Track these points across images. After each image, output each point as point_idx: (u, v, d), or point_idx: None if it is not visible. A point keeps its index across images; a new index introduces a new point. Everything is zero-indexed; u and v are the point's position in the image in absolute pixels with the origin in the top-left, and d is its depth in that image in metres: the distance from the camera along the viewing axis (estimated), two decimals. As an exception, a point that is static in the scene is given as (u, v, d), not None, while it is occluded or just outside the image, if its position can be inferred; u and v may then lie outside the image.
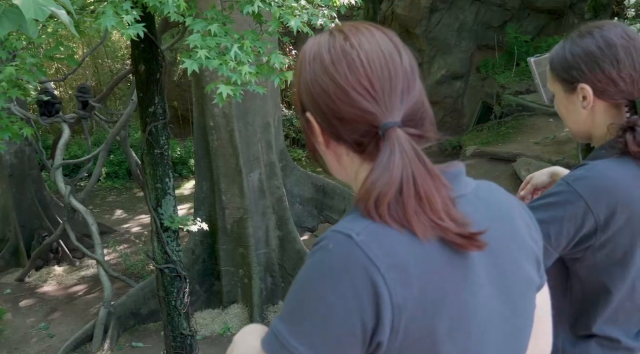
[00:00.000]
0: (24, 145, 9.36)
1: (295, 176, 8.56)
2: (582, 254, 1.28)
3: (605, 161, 1.29)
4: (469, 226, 0.81)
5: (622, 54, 1.26)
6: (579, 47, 1.31)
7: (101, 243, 7.56)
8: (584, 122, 1.36)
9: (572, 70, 1.32)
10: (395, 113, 0.85)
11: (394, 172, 0.80)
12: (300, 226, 8.62)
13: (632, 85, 1.28)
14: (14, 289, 8.71)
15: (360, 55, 0.87)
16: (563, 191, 1.27)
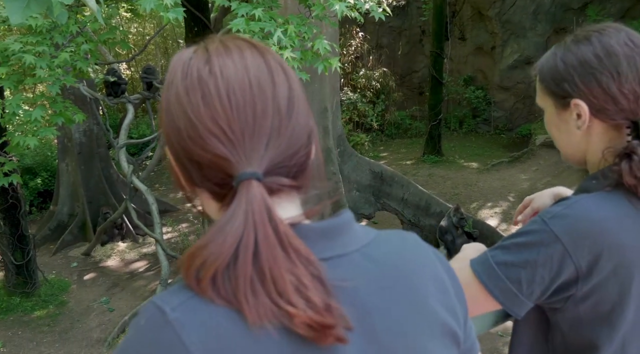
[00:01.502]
0: (92, 124, 9.69)
1: (353, 162, 8.43)
2: (562, 304, 1.08)
3: (591, 196, 1.08)
4: (331, 312, 0.62)
5: (624, 64, 1.04)
6: (573, 56, 1.09)
7: (160, 222, 7.71)
8: (577, 144, 1.15)
9: (564, 82, 1.10)
10: (255, 161, 0.67)
11: (229, 237, 0.63)
12: (357, 213, 8.51)
13: (636, 103, 1.06)
14: (80, 263, 9.08)
15: (219, 85, 0.69)
16: (538, 230, 1.06)
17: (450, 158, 12.78)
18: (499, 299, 1.07)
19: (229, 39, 0.75)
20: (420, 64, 15.69)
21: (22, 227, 7.64)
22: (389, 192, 8.55)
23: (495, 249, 1.10)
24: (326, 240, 0.72)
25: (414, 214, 8.54)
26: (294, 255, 0.64)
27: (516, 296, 1.06)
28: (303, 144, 0.72)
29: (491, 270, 1.07)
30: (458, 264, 1.15)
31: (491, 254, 1.10)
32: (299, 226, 0.69)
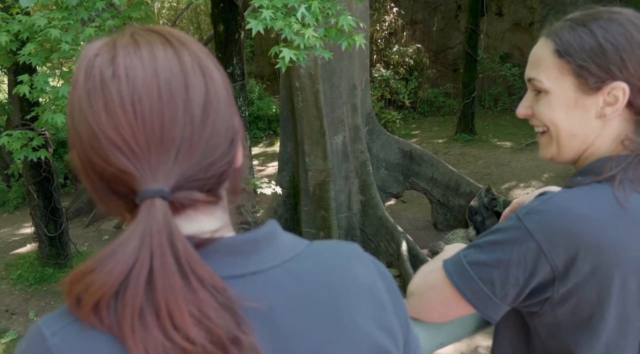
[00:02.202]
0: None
1: (382, 140, 8.34)
2: (539, 308, 0.99)
3: (571, 191, 0.98)
4: (238, 344, 0.56)
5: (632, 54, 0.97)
6: (621, 36, 0.99)
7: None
8: (585, 136, 1.03)
9: (611, 64, 0.98)
10: (161, 176, 0.60)
11: (119, 264, 0.56)
12: (385, 192, 8.45)
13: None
14: (111, 235, 9.25)
15: (122, 90, 0.60)
16: (511, 227, 0.97)
17: (484, 137, 12.54)
18: (471, 302, 0.98)
19: (141, 33, 0.66)
20: (456, 41, 15.37)
21: (55, 200, 7.80)
22: (418, 171, 8.45)
23: (469, 248, 1.02)
24: (240, 256, 0.65)
25: (443, 194, 8.43)
26: (197, 283, 0.57)
27: (489, 298, 0.97)
28: (222, 153, 0.65)
29: (463, 271, 0.99)
30: (433, 265, 1.08)
31: (464, 254, 1.01)
32: (212, 242, 0.63)
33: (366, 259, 0.75)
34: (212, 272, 0.59)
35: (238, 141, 0.69)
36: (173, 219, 0.59)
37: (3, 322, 6.86)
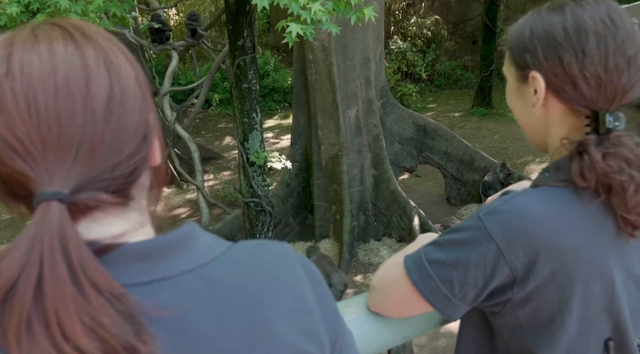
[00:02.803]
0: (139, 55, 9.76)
1: (396, 114, 8.26)
2: (501, 309, 0.97)
3: (535, 191, 0.94)
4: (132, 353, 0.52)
5: (592, 44, 0.91)
6: (542, 25, 0.96)
7: (202, 170, 7.81)
8: (535, 125, 1.01)
9: (527, 53, 0.97)
10: (58, 178, 0.56)
11: (7, 270, 0.52)
12: (398, 166, 8.40)
13: (598, 91, 0.91)
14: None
15: (16, 87, 0.57)
16: (471, 227, 0.94)
17: (501, 111, 12.37)
18: (429, 301, 0.97)
19: (43, 27, 0.62)
20: (475, 12, 15.06)
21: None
22: (431, 145, 8.38)
23: (430, 245, 0.99)
24: (148, 261, 0.61)
25: (457, 169, 8.37)
26: (91, 290, 0.53)
27: (448, 298, 0.95)
28: (131, 151, 0.61)
29: (422, 268, 0.97)
30: (396, 259, 1.06)
31: (424, 251, 0.99)
32: (116, 247, 0.60)
33: (293, 261, 0.72)
34: (109, 278, 0.55)
35: (153, 138, 0.65)
36: (69, 223, 0.56)
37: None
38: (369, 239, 7.85)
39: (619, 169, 0.88)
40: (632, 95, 0.94)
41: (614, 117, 0.92)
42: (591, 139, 0.90)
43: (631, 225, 0.90)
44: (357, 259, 7.49)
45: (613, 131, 0.91)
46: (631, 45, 0.92)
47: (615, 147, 0.89)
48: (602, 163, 0.87)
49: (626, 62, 0.91)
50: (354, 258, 7.49)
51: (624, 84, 0.91)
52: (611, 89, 0.91)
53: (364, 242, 7.82)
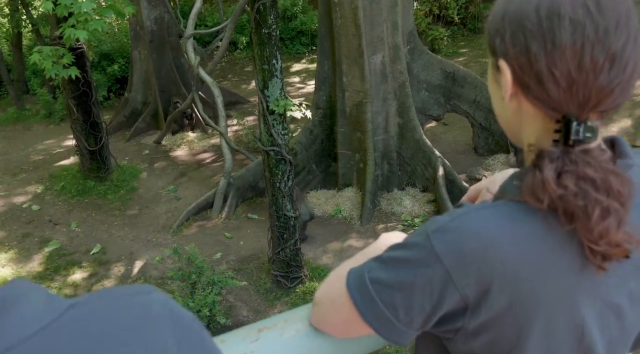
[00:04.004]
0: (163, 12, 9.61)
1: (424, 60, 7.99)
2: (453, 335, 0.84)
3: (493, 207, 0.79)
4: None
5: (565, 33, 0.73)
6: (517, 5, 0.78)
7: (225, 115, 7.74)
8: (508, 120, 0.86)
9: (497, 37, 0.80)
10: None
11: None
12: (425, 114, 8.19)
13: (568, 93, 0.74)
14: (151, 150, 9.38)
15: None
16: (418, 245, 0.80)
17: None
18: (372, 325, 0.84)
19: None
20: (513, -50, 14.31)
21: (94, 114, 7.88)
22: (460, 93, 8.12)
23: (375, 260, 0.86)
24: None
25: (485, 118, 8.13)
26: None
27: (392, 323, 0.83)
28: None
29: (364, 288, 0.84)
30: (343, 270, 0.91)
31: (368, 267, 0.85)
32: None
33: (155, 318, 0.55)
34: None
35: None
36: None
37: (47, 232, 7.16)
38: (393, 188, 7.75)
39: (577, 192, 0.72)
40: (615, 100, 0.75)
41: (584, 126, 0.74)
42: (549, 152, 0.74)
43: (600, 255, 0.74)
44: (379, 208, 7.43)
45: (581, 143, 0.74)
46: (618, 37, 0.73)
47: (577, 164, 0.73)
48: (554, 183, 0.72)
49: (608, 58, 0.73)
50: (376, 207, 7.42)
51: (601, 86, 0.73)
52: (585, 92, 0.74)
53: (388, 192, 7.73)
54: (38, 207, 7.71)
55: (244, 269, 6.36)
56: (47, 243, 6.88)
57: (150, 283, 6.10)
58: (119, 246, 6.82)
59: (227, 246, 6.79)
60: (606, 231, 0.72)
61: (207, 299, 5.22)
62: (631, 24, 0.75)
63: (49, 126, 10.91)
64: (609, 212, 0.72)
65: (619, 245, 0.72)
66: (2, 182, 8.45)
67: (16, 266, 6.47)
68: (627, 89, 0.76)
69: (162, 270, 6.31)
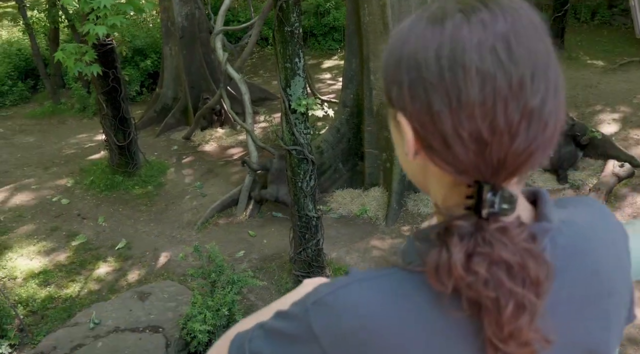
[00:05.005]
0: (194, 8, 9.63)
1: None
2: None
3: (382, 279, 0.68)
4: None
5: (474, 89, 0.60)
6: (415, 45, 0.64)
7: (252, 112, 7.72)
8: (414, 174, 0.74)
9: (394, 84, 0.67)
10: None
11: None
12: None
13: (480, 157, 0.62)
14: (180, 146, 9.42)
15: None
16: (297, 318, 0.71)
17: (574, 54, 11.58)
18: None
19: None
20: (553, -55, 13.93)
21: (123, 109, 7.95)
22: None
23: (261, 328, 0.77)
24: None
25: (517, 118, 7.90)
26: None
27: None
28: None
29: None
30: (232, 332, 0.83)
31: (251, 336, 0.77)
32: None
33: None
34: None
35: None
36: None
37: (75, 225, 7.25)
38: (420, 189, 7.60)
39: (488, 280, 0.60)
40: (534, 163, 0.64)
41: (500, 196, 0.62)
42: (459, 227, 0.62)
43: None
44: (406, 209, 7.31)
45: (497, 216, 0.62)
46: (536, 90, 0.61)
47: (491, 245, 0.60)
48: (462, 269, 0.60)
49: (525, 116, 0.61)
50: (402, 208, 7.30)
51: (519, 150, 0.62)
52: (499, 156, 0.62)
53: (415, 192, 7.59)
54: (67, 201, 7.82)
55: (266, 268, 6.33)
56: (74, 237, 6.98)
57: (173, 279, 6.13)
58: (143, 241, 6.86)
59: (250, 244, 6.77)
60: (518, 330, 0.60)
61: (226, 298, 5.20)
62: (550, 73, 0.63)
63: (82, 120, 11.08)
64: (524, 308, 0.60)
65: (528, 345, 0.61)
66: (34, 176, 8.61)
67: (43, 259, 6.57)
68: (548, 149, 0.64)
69: (185, 267, 6.32)
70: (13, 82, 12.23)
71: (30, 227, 7.23)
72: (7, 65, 12.33)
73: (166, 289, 5.84)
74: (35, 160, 9.23)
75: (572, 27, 12.09)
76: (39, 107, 11.77)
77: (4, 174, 8.71)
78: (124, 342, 5.14)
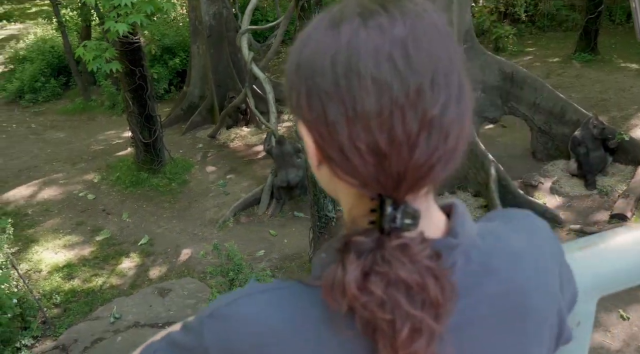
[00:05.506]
0: (222, 7, 9.70)
1: (481, 60, 7.70)
2: None
3: (277, 289, 0.65)
4: None
5: (370, 98, 0.56)
6: (312, 50, 0.60)
7: (276, 112, 7.73)
8: (324, 183, 0.69)
9: (293, 91, 0.62)
10: None
11: None
12: (480, 116, 7.91)
13: (379, 169, 0.58)
14: (205, 144, 9.50)
15: None
16: (193, 330, 0.69)
17: (607, 57, 11.31)
18: None
19: None
20: (588, -55, 13.65)
21: (149, 107, 8.04)
22: (518, 95, 7.79)
23: (163, 340, 0.75)
24: None
25: (545, 121, 7.77)
26: None
27: None
28: None
29: None
30: (147, 343, 0.80)
31: (157, 347, 0.75)
32: None
33: None
34: None
35: None
36: None
37: (99, 221, 7.36)
38: (443, 191, 7.52)
39: (384, 301, 0.56)
40: (437, 176, 0.60)
41: (402, 211, 0.58)
42: (357, 243, 0.58)
43: None
44: (428, 211, 7.23)
45: (399, 232, 0.58)
46: (436, 98, 0.57)
47: (390, 264, 0.56)
48: (356, 289, 0.56)
49: (424, 127, 0.57)
50: (424, 210, 7.23)
51: (419, 162, 0.58)
52: (399, 169, 0.58)
53: (438, 194, 7.42)
54: (93, 196, 7.95)
55: (285, 267, 6.33)
56: (98, 232, 7.08)
57: (193, 276, 6.17)
58: (166, 238, 6.93)
59: (271, 243, 6.78)
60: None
61: (243, 297, 5.22)
62: (452, 79, 0.59)
63: (111, 117, 11.25)
64: (420, 332, 0.56)
65: None
66: (63, 171, 8.77)
67: (68, 253, 6.69)
68: (452, 161, 0.61)
69: (206, 264, 6.35)
70: (46, 78, 12.48)
71: (57, 222, 7.37)
72: (40, 63, 12.58)
73: (186, 286, 5.89)
74: (64, 155, 9.40)
75: (606, 29, 11.82)
76: (70, 104, 11.99)
77: (34, 169, 8.89)
78: (143, 337, 5.19)
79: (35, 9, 21.57)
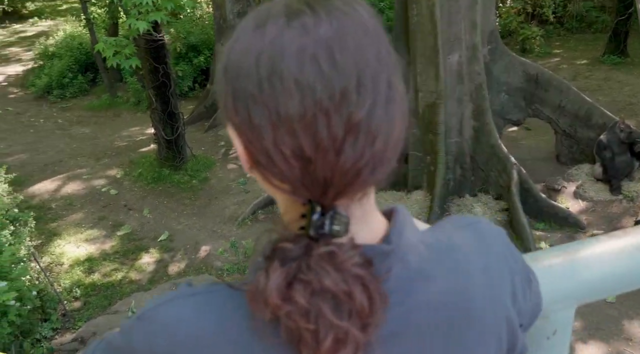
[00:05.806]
0: (246, 6, 9.74)
1: (505, 61, 7.60)
2: None
3: (206, 293, 0.64)
4: None
5: (293, 101, 0.54)
6: (239, 51, 0.59)
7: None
8: (260, 183, 0.66)
9: (222, 95, 0.61)
10: None
11: None
12: (504, 118, 7.81)
13: (305, 174, 0.56)
14: (227, 142, 9.54)
15: None
16: (124, 331, 0.68)
17: (636, 60, 11.10)
18: None
19: None
20: (620, -55, 13.39)
21: (172, 104, 8.10)
22: (543, 97, 7.67)
23: (103, 340, 0.74)
24: None
25: (570, 124, 7.64)
26: None
27: None
28: None
29: None
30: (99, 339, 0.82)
31: (96, 347, 0.74)
32: None
33: None
34: None
35: None
36: None
37: (121, 216, 7.45)
38: (464, 194, 7.45)
39: (308, 311, 0.54)
40: (365, 181, 0.58)
41: (330, 217, 0.57)
42: (283, 251, 0.56)
43: None
44: (448, 213, 7.16)
45: (328, 238, 0.56)
46: (362, 101, 0.55)
47: (315, 272, 0.55)
48: (278, 298, 0.54)
49: (350, 131, 0.55)
50: (445, 213, 7.16)
51: (345, 167, 0.56)
52: (325, 174, 0.56)
53: (459, 197, 7.44)
54: (116, 191, 8.05)
55: (302, 266, 6.33)
56: (119, 227, 7.17)
57: (212, 273, 6.21)
58: (185, 235, 6.98)
59: (289, 242, 6.78)
60: None
61: (259, 295, 5.24)
62: (380, 80, 0.57)
63: (136, 113, 11.38)
64: (345, 342, 0.55)
65: None
66: (87, 166, 8.90)
67: (89, 247, 6.78)
68: (381, 165, 0.58)
69: (224, 261, 6.40)
70: (73, 75, 12.68)
71: (79, 216, 7.47)
72: (68, 59, 12.78)
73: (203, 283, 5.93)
74: (88, 151, 9.54)
75: (636, 31, 11.57)
76: (97, 100, 12.16)
77: (59, 164, 9.03)
78: (159, 332, 5.25)
79: (66, 6, 21.94)
